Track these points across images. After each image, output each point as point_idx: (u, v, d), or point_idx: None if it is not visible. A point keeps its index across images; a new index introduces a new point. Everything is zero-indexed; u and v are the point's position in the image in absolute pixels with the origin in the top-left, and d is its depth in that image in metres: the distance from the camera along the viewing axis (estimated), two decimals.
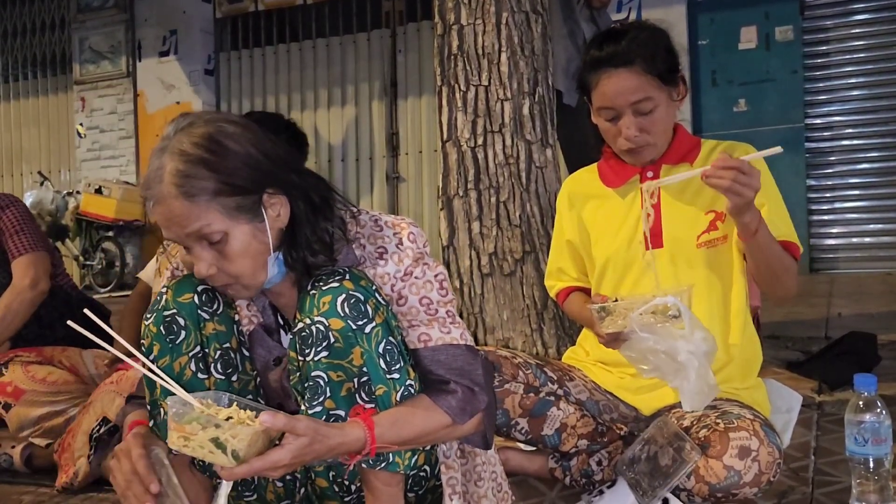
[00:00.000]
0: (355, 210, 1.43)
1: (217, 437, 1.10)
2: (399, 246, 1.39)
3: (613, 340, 1.65)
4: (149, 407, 1.42)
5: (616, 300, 1.66)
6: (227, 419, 1.13)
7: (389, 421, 1.24)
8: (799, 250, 1.76)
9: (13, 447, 2.36)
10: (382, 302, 1.30)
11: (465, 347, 1.36)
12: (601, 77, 1.75)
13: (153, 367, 1.26)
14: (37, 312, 2.77)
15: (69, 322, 1.31)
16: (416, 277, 1.38)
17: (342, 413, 1.25)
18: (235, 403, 1.19)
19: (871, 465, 1.51)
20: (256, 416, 1.14)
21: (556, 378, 1.90)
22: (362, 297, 1.27)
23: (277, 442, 1.16)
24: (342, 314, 1.25)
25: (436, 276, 1.39)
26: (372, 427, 1.21)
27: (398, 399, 1.28)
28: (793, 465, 1.90)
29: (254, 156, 1.30)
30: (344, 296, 1.26)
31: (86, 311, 1.29)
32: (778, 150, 1.62)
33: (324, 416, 1.25)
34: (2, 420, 2.47)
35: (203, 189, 1.24)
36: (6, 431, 2.44)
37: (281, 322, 1.47)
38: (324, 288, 1.27)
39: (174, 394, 1.20)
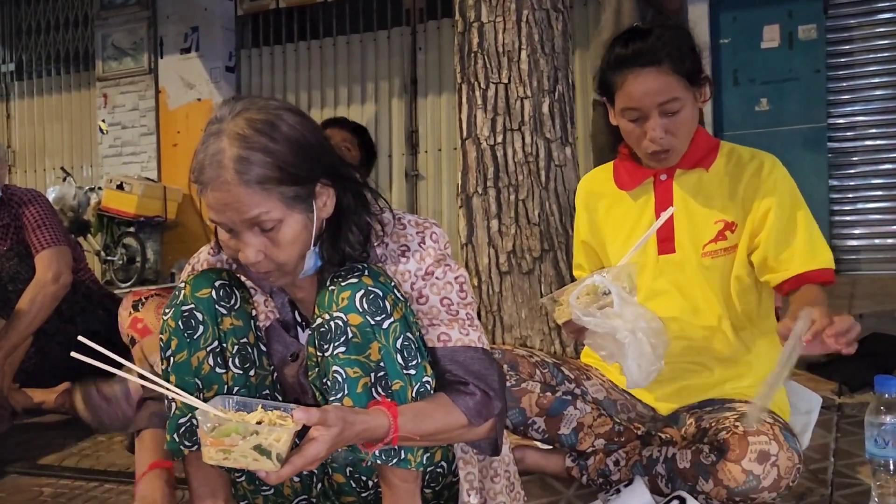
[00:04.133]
0: (378, 208, 1.43)
1: (260, 444, 1.10)
2: (421, 244, 1.39)
3: (574, 331, 1.63)
4: (161, 350, 1.42)
5: (562, 291, 1.64)
6: (259, 423, 1.12)
7: (412, 412, 1.25)
8: (831, 272, 1.70)
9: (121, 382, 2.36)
10: (401, 298, 1.31)
11: (482, 351, 1.37)
12: (627, 77, 1.70)
13: (163, 382, 1.24)
14: (58, 306, 2.80)
15: (73, 353, 1.26)
16: (437, 278, 1.38)
17: None
18: (259, 406, 1.18)
19: (892, 467, 1.51)
20: (283, 414, 1.14)
21: (573, 377, 1.89)
22: (381, 293, 1.27)
23: (297, 440, 1.17)
24: (361, 309, 1.25)
25: (456, 277, 1.40)
26: (396, 416, 1.22)
27: (414, 395, 1.28)
28: (812, 467, 1.89)
29: (312, 145, 1.30)
30: (363, 291, 1.26)
31: (80, 338, 1.25)
32: (671, 210, 1.68)
33: None
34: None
35: (265, 177, 1.24)
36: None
37: (299, 319, 1.48)
38: (343, 284, 1.27)
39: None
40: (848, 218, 5.78)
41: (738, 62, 5.91)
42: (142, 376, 1.22)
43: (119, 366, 1.21)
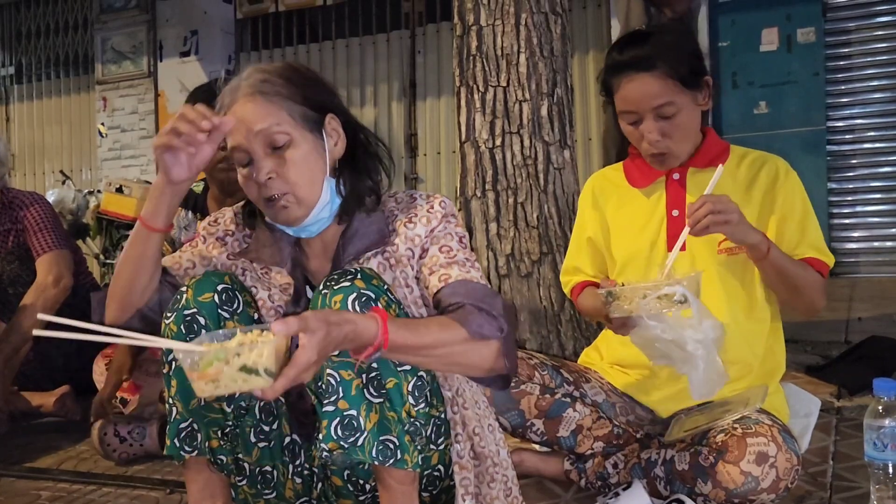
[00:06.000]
0: (393, 191, 1.53)
1: (244, 364, 1.09)
2: (430, 210, 1.46)
3: (622, 326, 1.62)
4: (162, 356, 1.44)
5: (623, 285, 1.64)
6: (240, 346, 1.12)
7: (403, 321, 1.27)
8: (827, 267, 1.74)
9: (141, 426, 2.36)
10: (394, 300, 1.32)
11: (483, 285, 1.39)
12: (623, 81, 1.73)
13: (133, 334, 1.21)
14: (58, 310, 2.79)
15: (35, 332, 1.26)
16: (437, 232, 1.44)
17: (354, 412, 1.26)
18: (237, 331, 1.16)
19: (891, 470, 1.50)
20: (263, 330, 1.13)
21: (572, 380, 1.89)
22: (373, 296, 1.28)
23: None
24: (353, 312, 1.26)
25: (457, 233, 1.46)
26: (385, 319, 1.21)
27: (410, 389, 1.28)
28: (811, 470, 1.89)
29: (322, 82, 1.49)
30: (355, 294, 1.27)
31: (43, 316, 1.24)
32: (720, 169, 1.65)
33: (337, 417, 1.25)
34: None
35: (277, 92, 1.39)
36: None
37: (310, 295, 1.47)
38: (335, 287, 1.28)
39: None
40: (847, 221, 5.77)
41: (736, 65, 5.91)
42: (113, 335, 1.20)
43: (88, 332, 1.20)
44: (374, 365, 1.27)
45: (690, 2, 3.21)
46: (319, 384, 1.29)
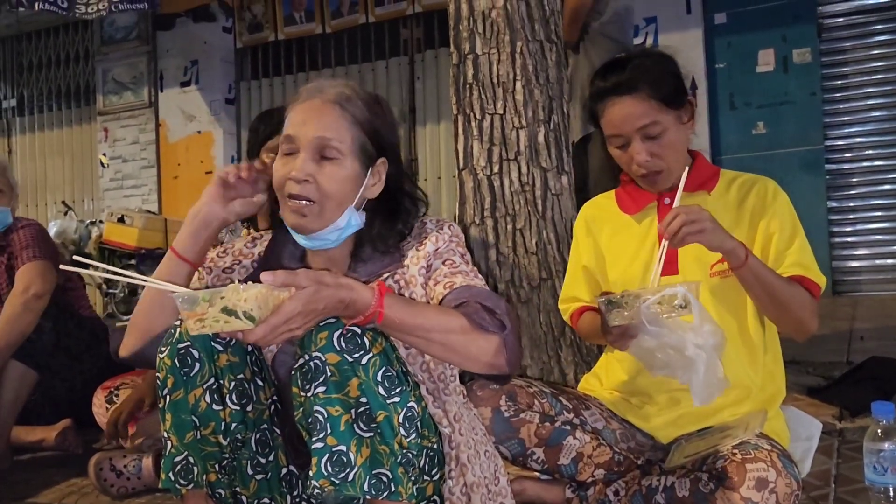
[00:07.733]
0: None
1: (226, 306, 1.15)
2: (439, 230, 1.52)
3: (620, 337, 1.60)
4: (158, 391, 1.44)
5: (622, 295, 1.63)
6: (226, 289, 1.17)
7: (403, 299, 1.33)
8: (818, 287, 1.73)
9: (137, 459, 2.36)
10: (380, 334, 1.33)
11: (487, 289, 1.43)
12: (607, 105, 1.78)
13: (144, 278, 1.31)
14: (66, 344, 2.78)
15: (75, 257, 1.37)
16: (442, 250, 1.49)
17: (343, 448, 1.26)
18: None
19: (892, 494, 1.50)
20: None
21: (571, 407, 1.89)
22: (359, 331, 1.29)
23: None
24: (338, 348, 1.27)
25: (460, 251, 1.51)
26: (383, 291, 1.26)
27: (400, 420, 1.29)
28: (813, 494, 1.88)
29: (394, 130, 1.57)
30: (340, 331, 1.28)
31: (75, 257, 1.35)
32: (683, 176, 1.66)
33: (326, 454, 1.26)
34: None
35: (353, 112, 1.46)
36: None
37: None
38: (321, 324, 1.29)
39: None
40: (848, 239, 5.77)
41: (733, 86, 5.95)
42: (132, 277, 1.29)
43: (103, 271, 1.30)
44: (363, 399, 1.27)
45: (579, 27, 3.30)
46: (309, 420, 1.29)
